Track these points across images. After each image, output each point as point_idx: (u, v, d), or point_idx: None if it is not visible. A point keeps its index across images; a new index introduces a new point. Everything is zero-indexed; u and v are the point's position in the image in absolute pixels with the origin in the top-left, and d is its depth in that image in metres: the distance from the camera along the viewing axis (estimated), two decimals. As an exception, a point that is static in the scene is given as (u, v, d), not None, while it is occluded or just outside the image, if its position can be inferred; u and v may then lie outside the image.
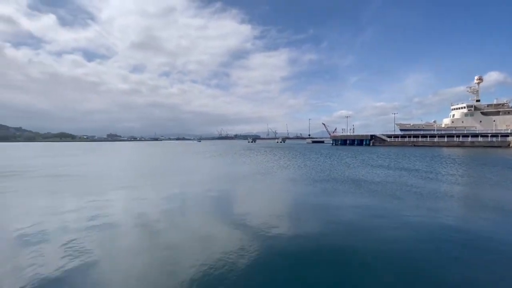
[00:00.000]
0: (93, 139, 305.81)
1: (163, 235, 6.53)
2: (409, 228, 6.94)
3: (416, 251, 5.53)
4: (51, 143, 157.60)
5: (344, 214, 8.40)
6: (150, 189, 13.04)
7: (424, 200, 10.06)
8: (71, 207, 9.25)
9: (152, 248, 5.75)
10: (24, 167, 23.40)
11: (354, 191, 11.90)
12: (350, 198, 10.57)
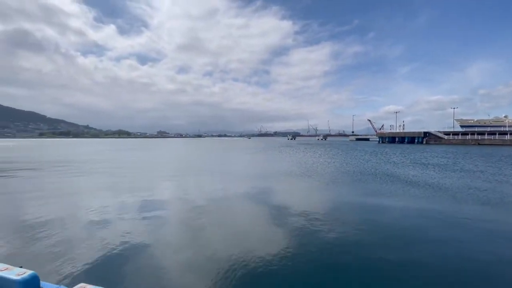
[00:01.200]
0: (145, 136, 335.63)
1: (205, 225, 6.82)
2: (478, 242, 6.05)
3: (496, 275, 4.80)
4: (113, 139, 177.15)
5: (390, 219, 7.71)
6: (203, 181, 13.77)
7: (492, 206, 8.72)
8: (130, 198, 10.25)
9: (192, 238, 6.03)
10: (98, 160, 26.78)
11: (403, 192, 10.89)
12: (399, 201, 9.68)
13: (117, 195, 10.48)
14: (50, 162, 24.37)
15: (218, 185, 12.83)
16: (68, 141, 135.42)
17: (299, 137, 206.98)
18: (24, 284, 2.10)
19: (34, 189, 11.77)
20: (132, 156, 32.65)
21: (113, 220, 7.23)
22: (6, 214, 8.01)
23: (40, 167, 20.34)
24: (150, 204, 8.98)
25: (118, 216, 7.59)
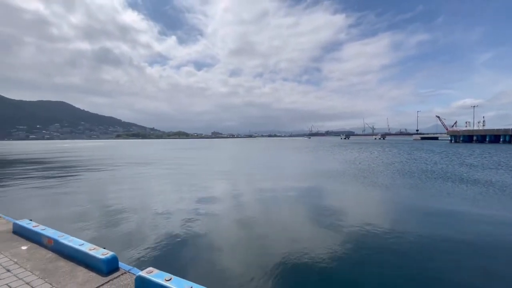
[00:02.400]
0: (201, 136, 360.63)
1: (262, 221, 6.99)
2: None
3: None
4: (175, 140, 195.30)
5: (460, 227, 6.65)
6: (264, 179, 14.21)
7: None
8: (198, 193, 11.18)
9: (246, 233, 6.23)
10: (164, 157, 30.04)
11: (482, 199, 9.26)
12: (474, 208, 8.28)
13: (187, 190, 11.50)
14: (134, 159, 28.23)
15: (278, 183, 12.96)
16: (139, 141, 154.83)
17: (353, 137, 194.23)
18: (106, 263, 2.48)
19: (119, 182, 13.80)
20: (206, 155, 35.40)
21: (181, 212, 7.96)
22: (94, 203, 9.54)
23: (125, 163, 23.70)
24: (216, 199, 9.60)
25: (185, 209, 8.33)
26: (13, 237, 3.33)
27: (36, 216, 6.74)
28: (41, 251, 2.92)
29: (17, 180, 14.75)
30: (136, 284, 2.21)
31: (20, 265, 2.58)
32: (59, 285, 2.24)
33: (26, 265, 2.59)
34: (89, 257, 2.57)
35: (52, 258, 2.75)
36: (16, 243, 3.15)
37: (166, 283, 2.04)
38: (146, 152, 42.89)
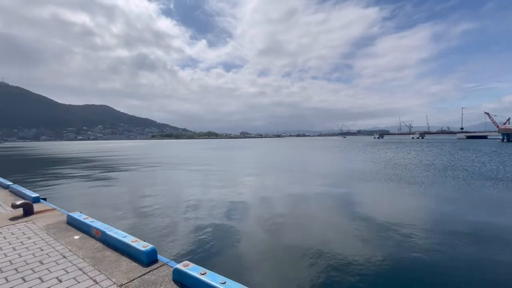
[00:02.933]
0: (230, 136, 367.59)
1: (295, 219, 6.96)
2: None
3: None
4: (205, 140, 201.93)
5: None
6: (298, 178, 14.21)
7: None
8: (234, 191, 11.50)
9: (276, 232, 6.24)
10: (198, 157, 31.30)
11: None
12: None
13: (220, 189, 11.87)
14: (169, 158, 29.88)
15: (310, 183, 12.80)
16: (172, 141, 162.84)
17: (388, 136, 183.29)
18: (147, 255, 2.65)
19: (156, 180, 14.70)
20: (237, 155, 36.30)
21: (215, 210, 8.23)
22: (133, 199, 10.25)
23: (161, 163, 25.17)
24: (250, 198, 9.79)
25: (218, 206, 8.61)
26: (67, 227, 3.72)
27: (83, 209, 7.45)
28: (91, 241, 3.22)
29: (68, 177, 16.39)
30: (173, 276, 2.34)
31: (74, 253, 2.88)
32: (107, 272, 2.45)
33: (78, 253, 2.88)
34: (131, 249, 2.77)
35: (99, 247, 3.02)
36: (69, 232, 3.52)
37: (201, 276, 2.13)
38: (180, 152, 44.93)
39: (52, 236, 3.37)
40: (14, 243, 3.17)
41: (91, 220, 3.55)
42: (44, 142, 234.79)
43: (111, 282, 2.29)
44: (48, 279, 2.34)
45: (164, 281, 2.32)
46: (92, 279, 2.35)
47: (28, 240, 3.27)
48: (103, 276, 2.38)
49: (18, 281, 2.32)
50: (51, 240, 3.26)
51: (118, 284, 2.25)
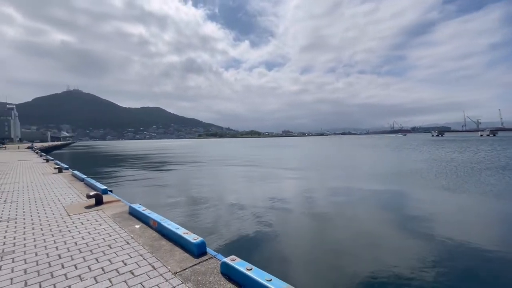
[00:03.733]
0: (272, 135, 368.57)
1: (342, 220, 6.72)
2: None
3: None
4: (248, 139, 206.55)
5: None
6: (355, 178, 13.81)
7: None
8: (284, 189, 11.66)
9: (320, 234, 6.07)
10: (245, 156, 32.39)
11: None
12: None
13: (266, 187, 12.10)
14: (215, 156, 31.54)
15: (358, 184, 12.22)
16: (217, 140, 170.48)
17: (448, 133, 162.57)
18: (197, 247, 2.82)
19: (204, 176, 15.63)
20: (281, 153, 36.71)
21: (260, 207, 8.42)
22: (183, 193, 11.02)
23: (208, 160, 26.69)
24: (296, 197, 9.79)
25: (264, 204, 8.78)
26: (129, 217, 4.17)
27: (141, 201, 8.28)
28: (149, 230, 3.56)
29: (128, 172, 18.39)
30: (221, 268, 2.45)
31: (135, 240, 3.22)
32: (163, 260, 2.69)
33: (139, 240, 3.22)
34: (183, 240, 2.98)
35: (156, 237, 3.32)
36: (131, 222, 3.94)
37: (247, 272, 2.19)
38: (224, 150, 46.79)
39: (117, 224, 3.82)
40: (89, 228, 3.69)
41: (149, 212, 3.91)
42: (109, 141, 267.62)
43: (167, 269, 2.50)
44: (116, 262, 2.67)
45: (212, 273, 2.44)
46: (151, 265, 2.59)
47: (99, 226, 3.76)
48: (160, 263, 2.61)
49: (92, 261, 2.69)
50: (117, 227, 3.70)
51: (173, 272, 2.45)
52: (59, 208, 4.74)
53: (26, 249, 3.01)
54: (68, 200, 5.35)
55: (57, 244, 3.14)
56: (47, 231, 3.59)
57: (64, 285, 2.24)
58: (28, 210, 4.65)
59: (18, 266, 2.61)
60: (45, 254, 2.87)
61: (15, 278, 2.37)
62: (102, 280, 2.32)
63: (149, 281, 2.29)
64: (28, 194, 6.05)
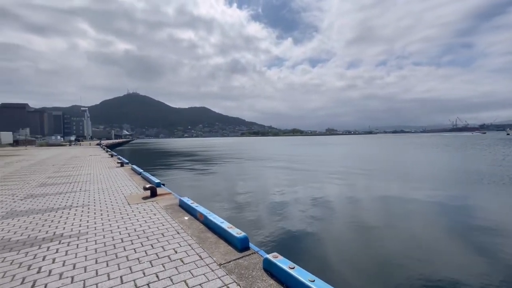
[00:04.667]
0: (315, 134, 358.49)
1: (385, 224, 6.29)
2: None
3: None
4: (291, 137, 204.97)
5: None
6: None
7: None
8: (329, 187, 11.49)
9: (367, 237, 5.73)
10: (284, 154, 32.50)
11: None
12: None
13: (309, 186, 11.97)
14: (260, 154, 32.24)
15: (411, 186, 11.27)
16: (259, 138, 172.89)
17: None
18: (241, 241, 2.91)
19: (247, 173, 16.09)
20: (325, 152, 36.00)
21: (303, 205, 8.35)
22: (227, 189, 11.46)
23: (252, 158, 27.36)
24: (340, 197, 9.50)
25: (307, 203, 8.69)
26: (179, 209, 4.51)
27: (189, 194, 8.86)
28: (196, 222, 3.79)
29: (178, 167, 19.83)
30: (263, 264, 2.49)
31: (184, 231, 3.47)
32: (209, 251, 2.84)
33: (188, 231, 3.45)
34: (227, 234, 3.11)
35: (203, 229, 3.52)
36: (181, 213, 4.25)
37: (290, 270, 2.18)
38: (267, 148, 47.21)
39: (169, 215, 4.16)
40: (145, 217, 4.09)
41: (196, 205, 4.17)
42: (161, 139, 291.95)
43: (212, 260, 2.63)
44: (168, 249, 2.91)
45: (255, 268, 2.49)
46: (198, 254, 2.76)
47: (154, 216, 4.15)
48: (206, 254, 2.77)
49: (148, 247, 2.98)
50: (168, 218, 4.03)
51: (218, 263, 2.57)
52: (121, 198, 5.36)
53: (96, 231, 3.48)
54: (128, 191, 6.01)
55: (120, 229, 3.56)
56: (112, 217, 4.10)
57: (126, 266, 2.54)
58: (97, 198, 5.36)
59: (90, 245, 3.03)
60: (111, 237, 3.28)
61: (88, 256, 2.77)
62: (156, 264, 2.56)
63: (197, 270, 2.45)
64: (97, 184, 6.97)
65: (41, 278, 2.33)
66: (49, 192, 6.04)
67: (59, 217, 4.15)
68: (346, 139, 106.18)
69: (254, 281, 2.26)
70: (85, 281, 2.27)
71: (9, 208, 4.74)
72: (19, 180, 7.86)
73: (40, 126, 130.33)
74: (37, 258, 2.72)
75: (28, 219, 4.07)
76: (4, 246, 3.05)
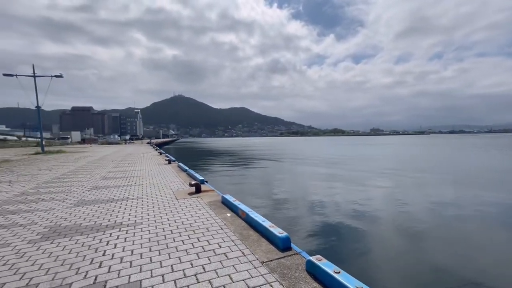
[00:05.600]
0: (358, 134, 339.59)
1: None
2: None
3: None
4: (332, 137, 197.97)
5: None
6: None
7: None
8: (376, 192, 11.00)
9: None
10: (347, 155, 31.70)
11: None
12: None
13: (356, 187, 11.52)
14: (303, 154, 31.98)
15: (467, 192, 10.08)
16: (298, 139, 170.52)
17: None
18: (283, 241, 2.90)
19: (287, 173, 16.05)
20: (377, 152, 34.35)
21: (347, 208, 8.04)
22: (266, 187, 11.54)
23: (292, 157, 27.23)
24: (386, 200, 8.97)
25: (351, 206, 8.35)
26: (221, 206, 4.68)
27: (230, 191, 9.14)
28: (238, 219, 3.90)
29: (219, 165, 20.60)
30: (306, 266, 2.44)
31: (227, 227, 3.59)
32: (251, 248, 2.89)
33: (230, 227, 3.57)
34: (269, 232, 3.13)
35: (245, 226, 3.60)
36: (223, 210, 4.41)
37: (335, 274, 2.10)
38: (306, 148, 46.32)
39: (213, 211, 4.34)
40: (191, 211, 4.34)
41: (238, 203, 4.28)
42: (204, 138, 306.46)
43: (255, 258, 2.67)
44: (213, 243, 3.04)
45: (298, 269, 2.46)
46: (241, 251, 2.84)
47: (199, 211, 4.37)
48: (249, 251, 2.83)
49: (194, 239, 3.16)
50: (212, 213, 4.21)
51: (260, 261, 2.60)
52: (170, 193, 5.77)
53: (149, 222, 3.81)
54: (176, 187, 6.45)
55: (169, 221, 3.83)
56: (162, 210, 4.44)
57: (175, 256, 2.72)
58: (149, 192, 5.86)
59: (145, 235, 3.33)
60: (162, 228, 3.55)
61: (143, 244, 3.04)
62: (203, 257, 2.70)
63: (240, 265, 2.52)
64: (149, 179, 7.62)
65: (105, 260, 2.64)
66: (110, 185, 6.79)
67: (118, 207, 4.64)
68: (393, 140, 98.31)
69: (297, 282, 2.24)
70: (141, 267, 2.50)
71: (79, 197, 5.46)
72: (86, 174, 9.00)
73: (101, 126, 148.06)
74: (102, 242, 3.09)
75: (94, 207, 4.64)
76: (77, 230, 3.53)
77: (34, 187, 6.71)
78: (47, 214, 4.28)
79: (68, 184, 6.98)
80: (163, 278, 2.30)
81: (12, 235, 3.38)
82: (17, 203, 5.05)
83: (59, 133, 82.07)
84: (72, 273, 2.40)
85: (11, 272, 2.45)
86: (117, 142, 59.67)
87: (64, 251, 2.88)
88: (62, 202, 5.05)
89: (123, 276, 2.34)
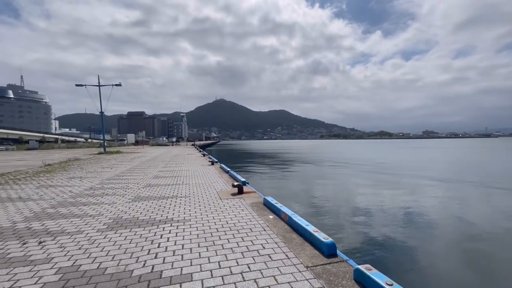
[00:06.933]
0: (408, 136, 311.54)
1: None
2: None
3: None
4: (377, 140, 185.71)
5: None
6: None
7: None
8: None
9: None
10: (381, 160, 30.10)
11: None
12: None
13: (406, 195, 10.75)
14: (344, 158, 30.88)
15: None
16: (340, 141, 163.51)
17: None
18: (327, 246, 2.82)
19: (328, 177, 15.58)
20: (430, 156, 31.82)
21: (395, 215, 7.52)
22: (307, 191, 11.31)
23: (333, 161, 26.39)
24: (440, 210, 8.19)
25: (401, 214, 7.78)
26: (263, 208, 4.74)
27: (270, 194, 9.17)
28: (280, 222, 3.90)
29: (259, 167, 20.83)
30: (354, 275, 2.33)
31: (270, 229, 3.62)
32: (295, 252, 2.87)
33: (273, 229, 3.59)
34: (313, 237, 3.07)
35: (287, 229, 3.59)
36: (266, 212, 4.45)
37: (387, 287, 1.97)
38: (349, 151, 44.20)
39: (255, 212, 4.42)
40: (235, 212, 4.48)
41: (280, 205, 4.29)
42: (243, 141, 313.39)
43: (299, 261, 2.65)
44: (256, 244, 3.10)
45: (345, 277, 2.37)
46: (285, 253, 2.83)
47: (242, 211, 4.49)
48: (292, 254, 2.81)
49: (239, 239, 3.25)
50: (255, 215, 4.29)
51: (305, 265, 2.57)
52: (214, 193, 6.04)
53: (196, 219, 4.04)
54: (219, 187, 6.72)
55: (215, 220, 4.02)
56: (208, 208, 4.67)
57: (222, 253, 2.84)
58: (196, 191, 6.22)
59: (193, 231, 3.54)
60: (208, 226, 3.74)
61: (192, 239, 3.24)
62: (247, 256, 2.77)
63: (285, 268, 2.52)
64: (194, 179, 8.09)
65: (160, 252, 2.88)
66: (161, 183, 7.38)
67: (169, 204, 5.02)
68: (451, 143, 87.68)
69: (344, 290, 2.16)
70: (191, 261, 2.67)
71: (136, 194, 6.05)
72: (140, 172, 9.93)
73: (151, 129, 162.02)
74: (156, 235, 3.38)
75: (148, 203, 5.09)
76: (135, 223, 3.92)
77: (99, 182, 7.65)
78: (110, 207, 4.84)
79: (126, 181, 7.79)
80: (211, 273, 2.42)
81: (84, 224, 3.90)
82: (87, 196, 5.81)
83: (117, 135, 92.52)
84: (133, 261, 2.67)
85: (85, 255, 2.83)
86: (165, 144, 64.62)
87: (125, 240, 3.22)
88: (122, 197, 5.65)
89: (176, 268, 2.53)
